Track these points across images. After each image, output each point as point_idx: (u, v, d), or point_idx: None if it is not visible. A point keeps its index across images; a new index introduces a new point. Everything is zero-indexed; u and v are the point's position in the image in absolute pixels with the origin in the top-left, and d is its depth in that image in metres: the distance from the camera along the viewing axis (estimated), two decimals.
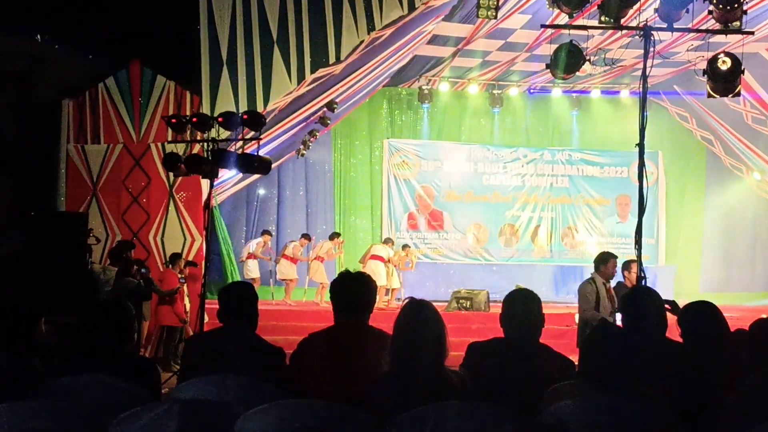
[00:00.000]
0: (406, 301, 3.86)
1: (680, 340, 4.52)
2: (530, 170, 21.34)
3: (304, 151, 18.92)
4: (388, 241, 18.20)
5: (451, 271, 20.41)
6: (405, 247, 18.72)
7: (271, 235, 18.39)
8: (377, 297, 4.49)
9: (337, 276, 4.52)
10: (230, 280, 16.49)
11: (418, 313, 3.73)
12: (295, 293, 17.77)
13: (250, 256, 17.66)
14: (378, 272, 16.63)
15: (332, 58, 11.67)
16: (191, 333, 12.24)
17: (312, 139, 18.07)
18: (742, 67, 8.13)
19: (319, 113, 15.98)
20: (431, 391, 3.46)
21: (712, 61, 8.16)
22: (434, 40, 15.90)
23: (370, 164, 20.88)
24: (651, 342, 4.31)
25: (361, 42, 11.65)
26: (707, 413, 3.71)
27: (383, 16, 11.39)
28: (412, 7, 11.37)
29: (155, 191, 13.59)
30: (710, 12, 8.11)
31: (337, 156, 20.70)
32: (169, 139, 12.15)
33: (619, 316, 4.71)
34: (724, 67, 8.11)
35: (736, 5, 7.77)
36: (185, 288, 12.80)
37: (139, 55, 13.80)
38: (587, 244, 21.32)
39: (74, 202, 13.62)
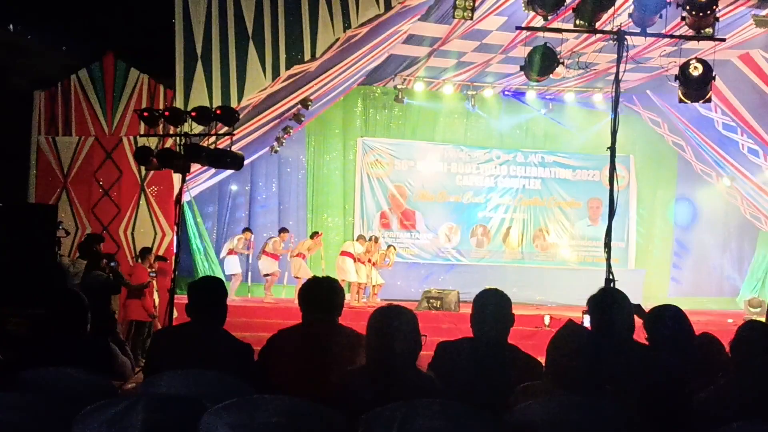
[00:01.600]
0: (380, 306, 3.86)
1: (646, 343, 4.55)
2: (503, 172, 21.43)
3: (278, 148, 18.91)
4: (360, 238, 18.29)
5: (422, 271, 20.43)
6: (389, 246, 18.79)
7: (251, 232, 18.43)
8: (345, 295, 4.49)
9: (305, 282, 4.53)
10: (200, 276, 16.45)
11: (392, 318, 3.74)
12: (276, 290, 17.75)
13: (231, 252, 17.68)
14: (346, 268, 16.93)
15: (307, 55, 11.66)
16: (160, 328, 12.18)
17: (286, 135, 18.03)
18: (714, 74, 8.21)
19: (293, 110, 15.94)
20: (403, 390, 3.47)
21: (684, 67, 8.24)
22: (410, 39, 15.90)
23: (344, 162, 20.88)
24: (618, 344, 4.34)
25: (337, 40, 11.64)
26: (673, 415, 3.74)
27: (359, 15, 11.39)
28: (388, 6, 11.37)
29: (126, 185, 13.52)
30: (683, 18, 8.20)
31: (311, 153, 20.68)
32: (142, 132, 12.08)
33: (587, 318, 4.72)
34: (695, 73, 8.19)
35: (708, 12, 7.86)
36: (155, 282, 12.74)
37: (113, 47, 13.71)
38: (558, 247, 21.46)
39: (44, 194, 13.52)
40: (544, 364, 3.73)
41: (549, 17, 8.40)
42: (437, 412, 3.14)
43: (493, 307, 4.33)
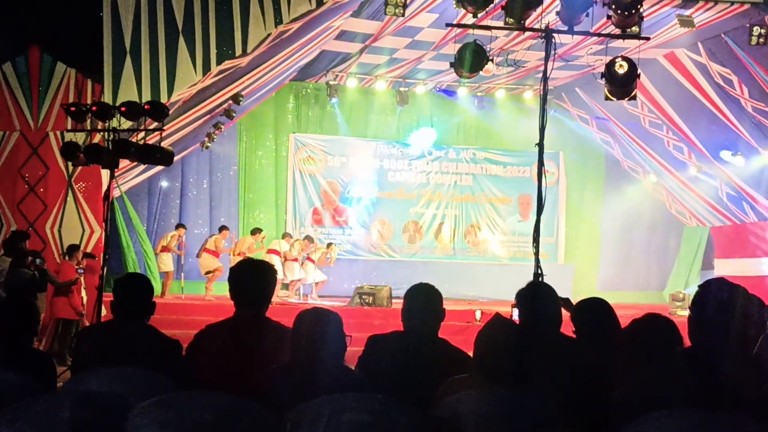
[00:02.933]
0: (305, 309, 3.87)
1: (573, 336, 4.61)
2: (435, 168, 21.58)
3: (209, 144, 18.72)
4: (286, 236, 18.23)
5: (355, 267, 20.46)
6: (330, 245, 18.77)
7: (185, 228, 17.96)
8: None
9: (235, 264, 4.48)
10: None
11: (318, 322, 3.75)
12: (218, 287, 17.20)
13: (164, 249, 17.24)
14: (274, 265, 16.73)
15: (239, 50, 11.59)
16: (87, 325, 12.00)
17: (217, 131, 17.88)
18: (639, 72, 8.37)
19: (224, 105, 15.82)
20: (328, 387, 3.47)
21: (610, 65, 8.38)
22: (342, 35, 15.92)
23: (276, 158, 20.80)
24: (545, 337, 4.39)
25: (269, 35, 11.60)
26: (599, 407, 3.80)
27: (291, 10, 11.36)
28: (320, 2, 11.37)
29: (53, 181, 13.27)
30: (609, 17, 8.36)
31: (242, 149, 20.55)
32: (69, 127, 11.88)
33: (516, 312, 4.78)
34: (621, 71, 8.34)
35: (633, 11, 8.02)
36: (83, 280, 12.53)
37: (38, 40, 13.42)
38: (489, 242, 21.67)
39: None
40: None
41: (478, 14, 8.48)
42: (365, 407, 3.15)
43: (423, 301, 4.36)
